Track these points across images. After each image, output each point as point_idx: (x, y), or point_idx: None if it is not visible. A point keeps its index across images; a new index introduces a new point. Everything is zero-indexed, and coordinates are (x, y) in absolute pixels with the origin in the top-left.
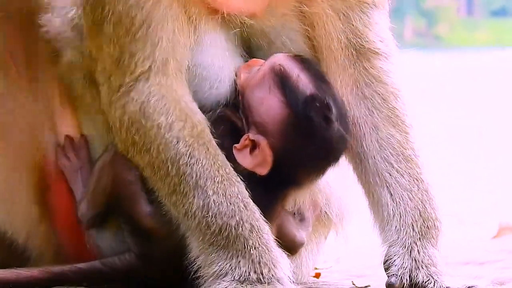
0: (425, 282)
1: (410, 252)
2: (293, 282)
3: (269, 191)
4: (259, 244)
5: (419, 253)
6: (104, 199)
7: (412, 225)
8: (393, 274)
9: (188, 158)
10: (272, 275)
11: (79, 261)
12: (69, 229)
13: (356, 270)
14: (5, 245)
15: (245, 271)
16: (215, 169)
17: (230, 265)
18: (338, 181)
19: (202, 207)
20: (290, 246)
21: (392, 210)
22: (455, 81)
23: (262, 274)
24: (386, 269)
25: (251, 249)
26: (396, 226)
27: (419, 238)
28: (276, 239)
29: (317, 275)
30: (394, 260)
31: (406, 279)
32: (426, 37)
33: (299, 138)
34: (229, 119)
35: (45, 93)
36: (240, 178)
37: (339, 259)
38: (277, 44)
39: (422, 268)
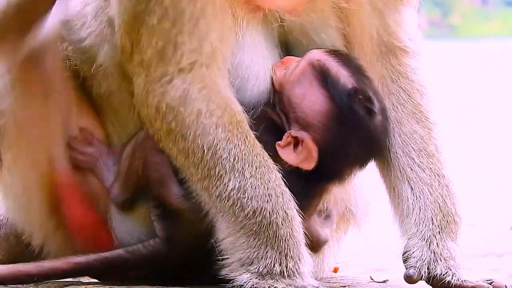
0: (443, 275)
1: (429, 244)
2: (314, 277)
3: (311, 185)
4: (289, 236)
5: (438, 246)
6: (136, 182)
7: (432, 219)
8: (412, 266)
9: (226, 143)
10: (296, 270)
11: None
12: (85, 235)
13: (374, 264)
14: (22, 246)
15: (271, 263)
16: (253, 155)
17: (257, 254)
18: (362, 177)
19: (238, 189)
20: (314, 245)
21: (412, 203)
22: (470, 70)
23: (286, 267)
24: (404, 261)
25: (281, 241)
26: (415, 220)
27: (439, 232)
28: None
29: (335, 270)
30: (413, 252)
31: (424, 271)
32: (441, 27)
33: (343, 131)
34: (270, 117)
35: (62, 102)
36: (281, 172)
37: (358, 253)
38: (315, 40)
39: (441, 260)
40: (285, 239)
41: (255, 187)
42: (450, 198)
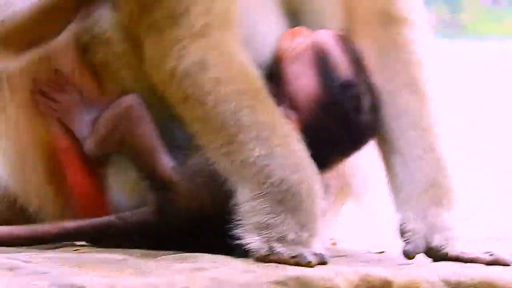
0: (441, 246)
1: (423, 218)
2: (324, 247)
3: None
4: (309, 210)
5: (433, 218)
6: (118, 149)
7: (423, 194)
8: (408, 242)
9: (250, 110)
10: (310, 241)
11: None
12: (85, 201)
13: (372, 238)
14: (17, 212)
15: (286, 230)
16: (279, 125)
17: (275, 220)
18: (363, 151)
19: (264, 156)
20: None
21: (403, 178)
22: (479, 70)
23: (300, 237)
24: (400, 236)
25: (302, 213)
26: (406, 195)
27: (432, 205)
28: None
29: (333, 245)
30: (407, 226)
31: (422, 245)
32: (451, 26)
33: (327, 121)
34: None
35: (62, 63)
36: None
37: (356, 228)
38: (309, 6)
39: (438, 232)
40: (305, 213)
41: (282, 157)
42: (441, 172)
